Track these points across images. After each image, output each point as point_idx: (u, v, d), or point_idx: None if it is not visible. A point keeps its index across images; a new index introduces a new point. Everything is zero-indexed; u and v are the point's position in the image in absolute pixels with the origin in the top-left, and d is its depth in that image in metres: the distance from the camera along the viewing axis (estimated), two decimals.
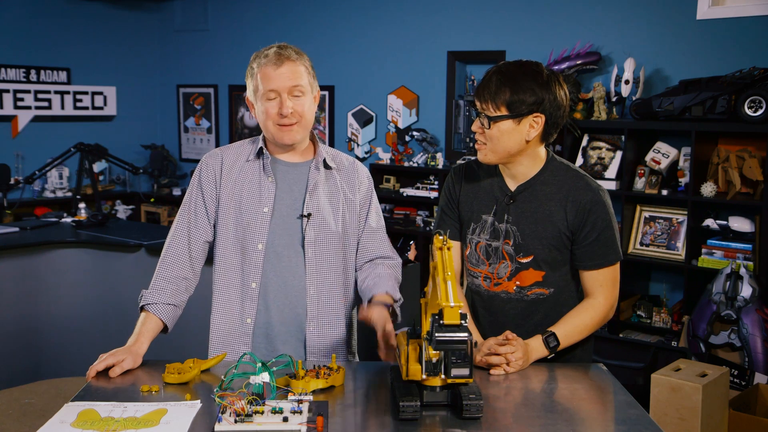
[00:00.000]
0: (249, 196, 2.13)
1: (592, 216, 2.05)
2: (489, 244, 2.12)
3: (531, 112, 1.99)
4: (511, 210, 2.10)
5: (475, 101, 2.05)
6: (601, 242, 2.06)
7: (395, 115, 5.80)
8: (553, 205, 2.07)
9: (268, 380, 1.68)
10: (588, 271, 2.09)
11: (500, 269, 2.11)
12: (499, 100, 1.98)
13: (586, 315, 2.08)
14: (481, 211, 2.14)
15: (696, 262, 4.13)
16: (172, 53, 7.24)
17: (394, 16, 5.74)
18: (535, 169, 2.10)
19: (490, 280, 2.14)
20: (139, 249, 4.36)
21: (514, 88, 1.97)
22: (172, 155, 7.23)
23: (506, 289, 2.12)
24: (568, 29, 4.86)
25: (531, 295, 2.11)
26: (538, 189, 2.09)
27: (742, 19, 4.25)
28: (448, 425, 1.63)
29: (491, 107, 1.99)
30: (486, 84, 2.01)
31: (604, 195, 2.08)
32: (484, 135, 2.03)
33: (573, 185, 2.08)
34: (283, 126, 2.08)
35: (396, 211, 5.66)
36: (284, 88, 2.06)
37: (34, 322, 4.39)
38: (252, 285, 2.12)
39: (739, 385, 3.70)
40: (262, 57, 2.08)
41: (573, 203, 2.06)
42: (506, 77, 1.99)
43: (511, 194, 2.11)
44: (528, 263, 2.09)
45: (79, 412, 1.66)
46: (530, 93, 1.97)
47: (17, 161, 6.36)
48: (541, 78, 1.99)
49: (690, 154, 4.14)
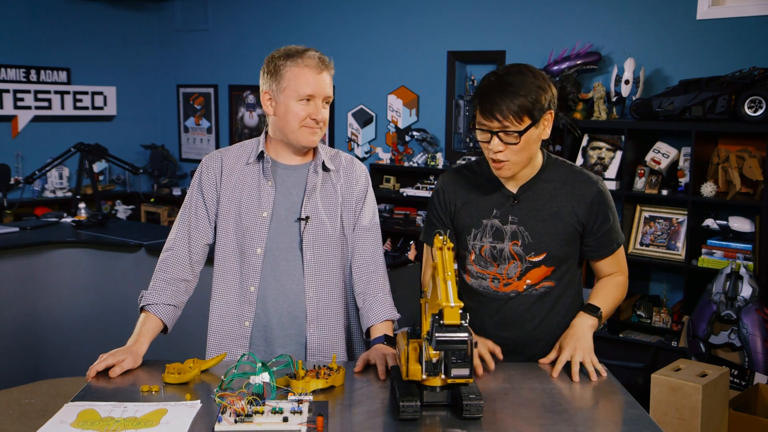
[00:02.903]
0: (248, 200, 2.13)
1: (602, 207, 2.10)
2: (494, 246, 2.11)
3: (545, 111, 1.99)
4: (515, 211, 2.10)
5: (487, 121, 1.96)
6: (608, 232, 2.13)
7: (395, 115, 5.80)
8: (559, 201, 2.09)
9: (268, 380, 1.68)
10: (599, 261, 2.17)
11: (510, 270, 2.12)
12: (521, 111, 1.93)
13: (613, 286, 2.19)
14: (481, 216, 2.13)
15: (696, 262, 4.13)
16: (172, 53, 7.24)
17: (394, 16, 5.74)
18: (535, 169, 2.11)
19: (499, 281, 2.14)
20: (139, 249, 4.36)
21: (527, 95, 1.93)
22: (172, 155, 7.22)
23: (516, 288, 2.13)
24: (568, 29, 4.86)
25: (540, 290, 2.13)
26: (541, 187, 2.10)
27: (742, 19, 4.25)
28: (448, 425, 1.63)
29: (514, 121, 1.93)
30: (495, 100, 1.93)
31: (604, 185, 2.14)
32: (508, 151, 1.98)
33: (575, 180, 2.11)
34: (310, 128, 2.09)
35: (396, 211, 5.66)
36: (321, 95, 2.08)
37: (34, 322, 4.39)
38: (250, 288, 2.13)
39: (739, 385, 3.70)
40: (297, 57, 2.07)
41: (580, 197, 2.09)
42: (512, 87, 1.93)
43: (514, 195, 2.11)
44: (540, 261, 2.10)
45: (79, 412, 1.66)
46: (541, 93, 1.96)
47: (17, 161, 6.36)
48: (539, 76, 1.99)
49: (690, 154, 4.14)
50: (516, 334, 2.14)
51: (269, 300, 2.13)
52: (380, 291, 2.17)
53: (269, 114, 2.13)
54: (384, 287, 2.19)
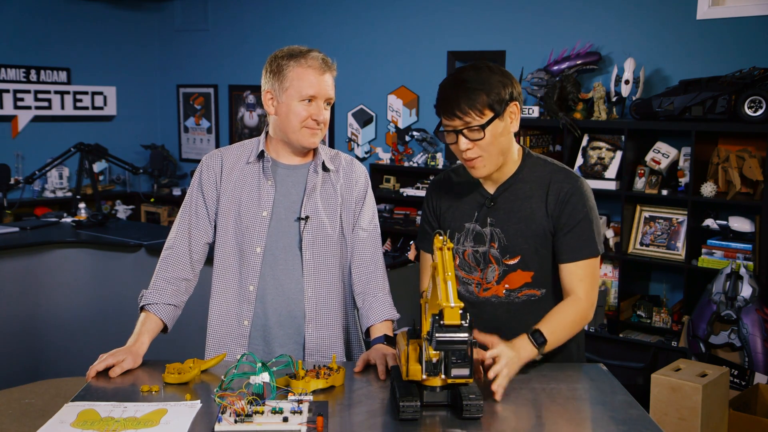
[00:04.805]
0: (248, 199, 2.13)
1: (569, 206, 2.02)
2: (476, 250, 2.09)
3: (508, 104, 1.97)
4: (492, 213, 2.08)
5: (450, 121, 1.95)
6: (578, 233, 2.02)
7: (395, 115, 5.80)
8: (534, 201, 2.05)
9: (268, 380, 1.68)
10: (566, 264, 2.04)
11: (488, 273, 2.09)
12: (480, 104, 1.92)
13: (568, 311, 2.00)
14: (463, 219, 2.12)
15: (696, 262, 4.13)
16: (172, 53, 7.24)
17: (394, 16, 5.75)
18: (513, 168, 2.08)
19: (481, 286, 2.11)
20: (139, 249, 4.36)
21: (486, 89, 1.93)
22: (172, 155, 7.23)
23: (496, 293, 2.10)
24: (568, 29, 4.86)
25: (522, 297, 2.09)
26: (518, 188, 2.07)
27: (742, 19, 4.25)
28: (448, 425, 1.63)
29: (475, 115, 1.92)
30: (454, 98, 1.93)
31: (583, 185, 2.06)
32: (477, 148, 1.97)
33: (552, 178, 2.06)
34: (310, 129, 2.09)
35: (396, 211, 5.66)
36: (324, 96, 2.08)
37: (34, 322, 4.39)
38: (249, 288, 2.13)
39: (739, 385, 3.70)
40: (300, 57, 2.07)
41: (552, 194, 2.04)
42: (470, 84, 1.93)
43: (491, 197, 2.09)
44: (515, 264, 2.06)
45: (79, 412, 1.66)
46: (500, 86, 1.95)
47: (17, 161, 6.36)
48: (497, 70, 1.98)
49: (690, 154, 4.14)
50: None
51: (268, 299, 2.13)
52: (380, 291, 2.17)
53: (271, 113, 2.13)
54: (383, 287, 2.19)
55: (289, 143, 2.14)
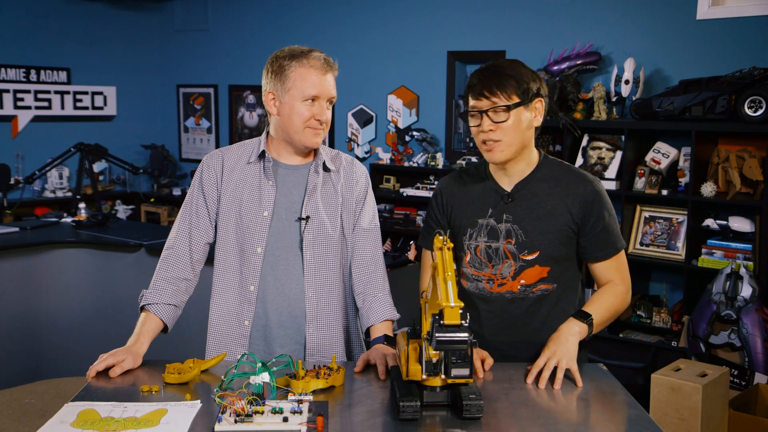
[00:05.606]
0: (249, 199, 2.13)
1: (596, 207, 2.08)
2: (489, 246, 2.11)
3: (534, 97, 2.04)
4: (509, 209, 2.10)
5: (477, 101, 2.03)
6: (607, 231, 2.10)
7: (395, 115, 5.80)
8: (554, 200, 2.09)
9: (268, 380, 1.68)
10: (599, 262, 2.12)
11: (503, 269, 2.11)
12: (510, 88, 2.00)
13: (610, 295, 2.09)
14: (476, 215, 2.14)
15: (696, 262, 4.13)
16: (172, 53, 7.24)
17: (394, 16, 5.74)
18: (530, 167, 2.12)
19: (494, 282, 2.12)
20: (139, 249, 4.36)
21: (517, 77, 2.01)
22: (172, 155, 7.23)
23: (511, 288, 2.11)
24: (568, 29, 4.86)
25: (537, 292, 2.11)
26: (536, 185, 2.11)
27: (742, 19, 4.25)
28: (448, 425, 1.63)
29: (503, 98, 1.99)
30: (487, 80, 2.01)
31: (601, 186, 2.13)
32: (499, 131, 2.02)
33: (570, 179, 2.11)
34: (313, 129, 2.09)
35: (396, 211, 5.66)
36: (326, 96, 2.09)
37: (34, 322, 4.39)
38: (250, 288, 2.13)
39: (739, 385, 3.70)
40: (302, 57, 2.08)
41: (574, 196, 2.08)
42: (503, 70, 2.02)
43: (509, 194, 2.11)
44: (533, 260, 2.08)
45: (79, 412, 1.66)
46: (530, 79, 2.03)
47: (17, 161, 6.36)
48: (529, 69, 2.07)
49: (690, 154, 4.14)
50: (514, 339, 2.12)
51: (269, 299, 2.13)
52: (380, 291, 2.17)
53: (272, 114, 2.13)
54: (384, 287, 2.19)
55: (292, 143, 2.13)
